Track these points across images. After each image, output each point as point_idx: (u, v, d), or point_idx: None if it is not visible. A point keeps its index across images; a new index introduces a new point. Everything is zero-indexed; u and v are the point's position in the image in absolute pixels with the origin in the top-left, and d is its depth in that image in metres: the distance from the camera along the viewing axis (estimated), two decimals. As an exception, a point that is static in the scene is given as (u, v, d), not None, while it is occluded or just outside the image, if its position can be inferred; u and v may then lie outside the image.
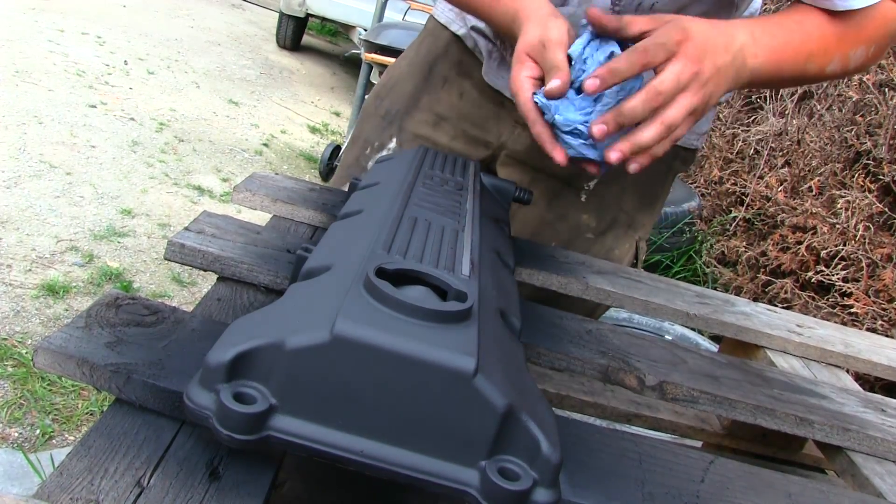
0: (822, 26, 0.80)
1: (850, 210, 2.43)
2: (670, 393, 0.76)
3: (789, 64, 0.79)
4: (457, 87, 1.04)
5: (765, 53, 0.76)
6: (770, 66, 0.77)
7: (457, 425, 0.44)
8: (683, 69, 0.69)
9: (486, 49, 1.00)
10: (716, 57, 0.71)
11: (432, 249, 0.58)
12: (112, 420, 0.51)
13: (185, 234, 0.77)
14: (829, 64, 0.81)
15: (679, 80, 0.68)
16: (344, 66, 6.20)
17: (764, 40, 0.77)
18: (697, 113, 0.71)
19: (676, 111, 0.69)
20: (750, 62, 0.75)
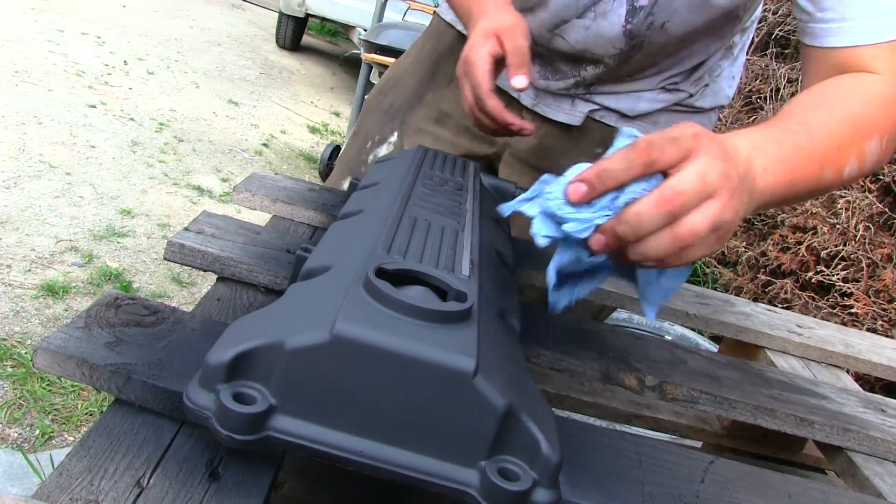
0: (830, 122, 0.66)
1: (851, 210, 2.43)
2: (670, 393, 0.76)
3: (803, 173, 0.62)
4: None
5: (774, 166, 0.60)
6: (782, 182, 0.60)
7: (456, 425, 0.44)
8: (709, 167, 0.51)
9: None
10: (737, 162, 0.55)
11: (432, 250, 0.58)
12: (112, 420, 0.51)
13: (184, 234, 0.77)
14: (846, 165, 0.66)
15: (704, 179, 0.51)
16: (344, 66, 6.20)
17: (770, 151, 0.60)
18: (722, 231, 0.52)
19: (700, 220, 0.51)
20: (760, 178, 0.58)
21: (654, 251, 0.52)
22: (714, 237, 0.52)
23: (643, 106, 0.96)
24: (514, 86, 0.73)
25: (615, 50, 0.88)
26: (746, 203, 0.56)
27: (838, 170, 0.65)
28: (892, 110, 0.69)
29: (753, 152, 0.58)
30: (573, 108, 0.97)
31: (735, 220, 0.53)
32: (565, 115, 0.97)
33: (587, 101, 0.96)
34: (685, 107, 0.98)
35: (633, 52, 0.88)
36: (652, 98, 0.96)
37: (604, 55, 0.89)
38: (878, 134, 0.68)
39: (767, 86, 3.38)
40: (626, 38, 0.86)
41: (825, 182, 0.65)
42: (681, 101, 0.97)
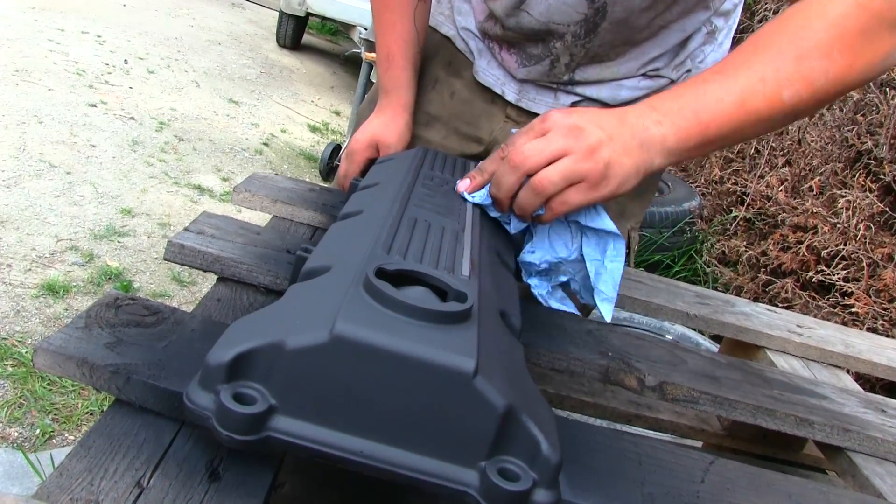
0: (753, 57, 0.70)
1: (851, 210, 2.43)
2: (670, 393, 0.76)
3: (715, 114, 0.68)
4: (447, 87, 1.05)
5: (671, 116, 0.68)
6: (686, 126, 0.68)
7: (457, 426, 0.44)
8: (554, 135, 0.66)
9: (476, 48, 1.02)
10: (602, 123, 0.67)
11: (432, 250, 0.58)
12: (112, 420, 0.51)
13: (185, 234, 0.77)
14: (783, 91, 0.68)
15: (549, 143, 0.66)
16: (344, 65, 6.19)
17: (667, 104, 0.69)
18: (589, 179, 0.66)
19: (551, 171, 0.65)
20: (656, 130, 0.68)
21: (524, 201, 0.68)
22: (585, 185, 0.66)
23: (625, 94, 0.96)
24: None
25: (579, 16, 0.88)
26: (636, 150, 0.67)
27: (770, 101, 0.68)
28: (846, 24, 0.68)
29: (643, 111, 0.68)
30: (556, 100, 0.98)
31: (605, 168, 0.65)
32: (548, 108, 0.96)
33: (569, 92, 0.98)
34: None
35: (598, 17, 0.88)
36: (633, 86, 0.96)
37: (569, 23, 0.90)
38: (822, 52, 0.68)
39: (768, 85, 3.38)
40: (588, 1, 0.87)
41: (757, 109, 0.68)
42: (662, 87, 0.96)
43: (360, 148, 0.99)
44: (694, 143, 0.69)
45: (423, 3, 1.01)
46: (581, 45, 0.91)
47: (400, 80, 1.01)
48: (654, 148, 0.68)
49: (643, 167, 0.68)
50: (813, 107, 0.71)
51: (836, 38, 0.68)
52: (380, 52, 1.02)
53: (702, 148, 0.70)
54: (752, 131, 0.71)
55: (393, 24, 0.99)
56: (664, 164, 0.69)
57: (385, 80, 1.02)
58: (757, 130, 0.71)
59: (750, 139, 0.87)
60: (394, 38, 0.99)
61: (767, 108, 0.68)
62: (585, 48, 0.92)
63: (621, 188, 0.67)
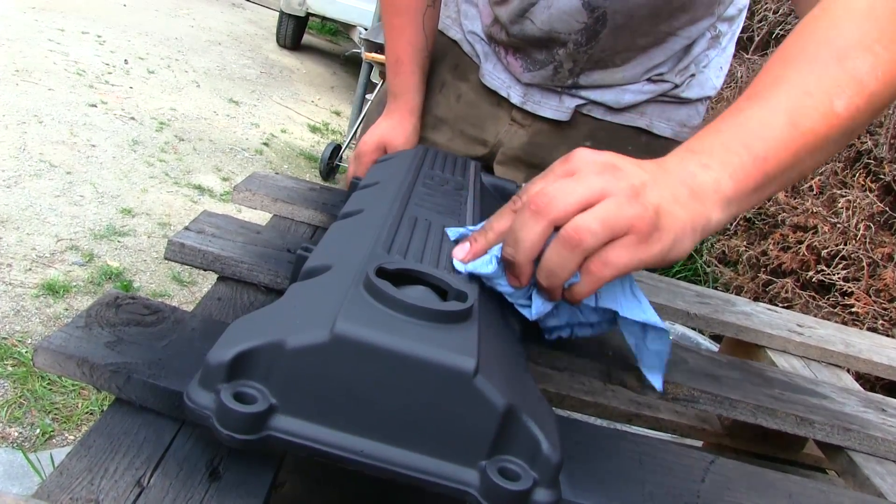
0: (787, 71, 0.59)
1: (851, 209, 2.43)
2: (671, 393, 0.76)
3: (768, 143, 0.55)
4: (454, 90, 1.06)
5: (716, 155, 0.54)
6: (739, 163, 0.54)
7: (457, 425, 0.44)
8: (585, 175, 0.50)
9: (482, 52, 1.03)
10: (640, 171, 0.52)
11: (433, 249, 0.58)
12: (112, 420, 0.51)
13: (185, 233, 0.77)
14: (834, 100, 0.57)
15: (580, 181, 0.50)
16: (344, 65, 6.19)
17: (706, 141, 0.55)
18: (636, 230, 0.49)
19: (587, 217, 0.49)
20: (702, 174, 0.53)
21: (553, 261, 0.50)
22: (631, 238, 0.49)
23: (628, 98, 0.97)
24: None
25: (579, 24, 0.89)
26: (688, 200, 0.52)
27: (824, 113, 0.57)
28: (877, 14, 0.59)
29: (683, 156, 0.55)
30: (560, 103, 0.98)
31: (656, 217, 0.50)
32: (553, 111, 0.99)
33: (574, 95, 0.98)
34: (671, 97, 0.98)
35: (599, 25, 0.88)
36: (637, 90, 0.96)
37: (570, 32, 0.90)
38: (862, 47, 0.58)
39: (768, 85, 3.38)
40: (587, 10, 0.87)
41: (813, 129, 0.56)
42: (666, 91, 0.97)
43: (369, 150, 1.00)
44: (753, 185, 0.55)
45: (431, 9, 1.01)
46: (584, 51, 0.92)
47: (408, 84, 1.02)
48: (708, 198, 0.53)
49: (700, 223, 0.53)
50: (870, 115, 0.60)
51: (872, 29, 0.59)
52: (389, 56, 1.03)
53: (763, 190, 0.56)
54: (811, 160, 0.58)
55: (402, 30, 1.00)
56: (723, 219, 0.55)
57: (394, 83, 1.03)
58: (816, 158, 0.58)
59: (809, 172, 0.67)
60: (403, 44, 1.01)
61: (824, 125, 0.57)
62: (588, 54, 0.92)
63: (675, 248, 0.51)
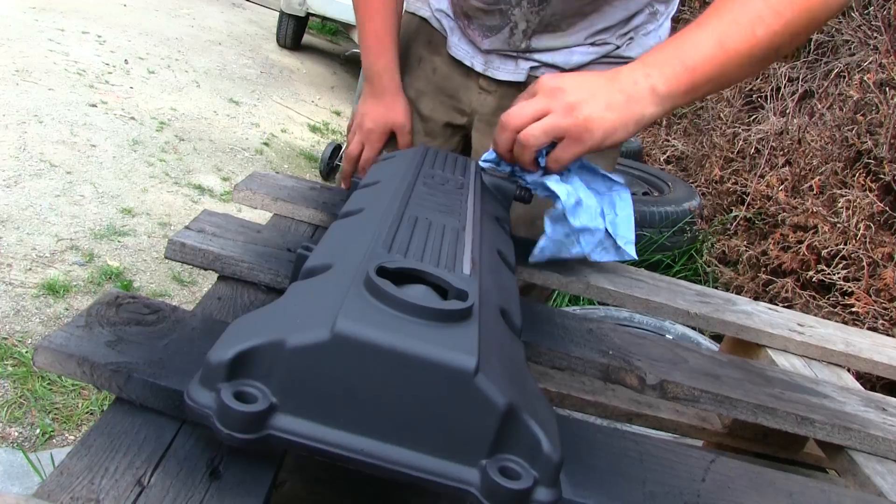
0: (716, 6, 0.78)
1: (851, 209, 2.42)
2: (671, 392, 0.76)
3: (699, 59, 0.76)
4: (430, 63, 1.15)
5: (658, 66, 0.76)
6: (674, 74, 0.76)
7: (457, 424, 0.44)
8: (539, 98, 0.76)
9: (448, 27, 1.12)
10: (586, 83, 0.76)
11: (433, 248, 0.58)
12: (112, 419, 0.50)
13: (185, 232, 0.77)
14: (756, 26, 0.76)
15: (532, 105, 0.76)
16: (344, 65, 6.19)
17: (652, 57, 0.78)
18: (572, 132, 0.75)
19: (533, 128, 0.76)
20: (644, 82, 0.76)
21: (518, 155, 0.79)
22: (568, 140, 0.76)
23: (576, 59, 1.06)
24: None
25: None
26: (621, 105, 0.75)
27: (747, 38, 0.76)
28: None
29: (633, 67, 0.77)
30: (517, 66, 1.08)
31: (585, 123, 0.74)
32: (510, 74, 1.08)
33: (528, 59, 1.07)
34: (614, 58, 1.06)
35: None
36: (583, 52, 1.06)
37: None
38: None
39: (768, 84, 3.38)
40: None
41: (737, 48, 0.76)
42: (609, 52, 1.06)
43: (377, 135, 1.13)
44: (684, 88, 0.76)
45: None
46: (535, 11, 1.01)
47: (390, 63, 1.11)
48: (643, 100, 0.75)
49: (632, 119, 0.75)
50: (790, 40, 0.78)
51: None
52: (368, 37, 1.10)
53: (692, 93, 0.77)
54: (736, 72, 0.78)
55: (378, 12, 1.09)
56: (658, 112, 0.76)
57: (377, 63, 1.10)
58: (742, 70, 0.78)
59: (738, 81, 1.05)
60: (383, 24, 1.09)
61: (746, 46, 0.76)
62: (539, 15, 1.01)
63: (607, 140, 0.75)
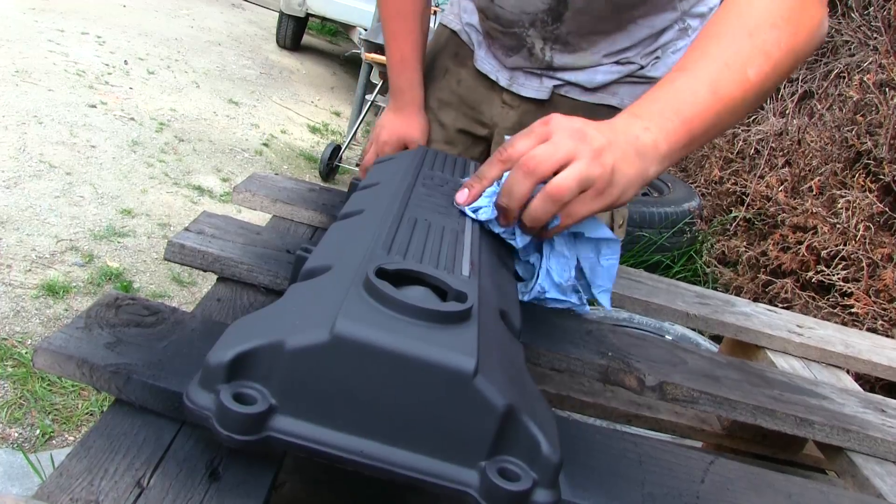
0: (707, 47, 0.71)
1: (851, 210, 2.43)
2: (670, 393, 0.76)
3: (695, 110, 0.69)
4: (455, 75, 1.17)
5: (655, 120, 0.68)
6: (672, 128, 0.68)
7: (457, 426, 0.44)
8: (561, 140, 0.63)
9: (476, 41, 1.13)
10: (600, 133, 0.65)
11: (432, 250, 0.58)
12: (112, 420, 0.51)
13: (185, 234, 0.77)
14: (749, 68, 0.70)
15: (557, 147, 0.63)
16: (344, 65, 6.20)
17: (647, 108, 0.69)
18: (598, 186, 0.63)
19: (564, 176, 0.63)
20: (645, 136, 0.67)
21: (539, 211, 0.64)
22: (592, 192, 0.64)
23: (599, 78, 1.04)
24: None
25: (544, 5, 0.98)
26: (634, 158, 0.66)
27: (740, 82, 0.70)
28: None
29: (628, 120, 0.68)
30: (541, 84, 1.08)
31: (611, 175, 0.64)
32: (534, 91, 1.08)
33: (551, 77, 1.07)
34: (638, 77, 1.05)
35: (561, 7, 0.97)
36: (606, 71, 1.04)
37: (536, 12, 0.99)
38: (770, 24, 0.71)
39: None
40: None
41: (731, 95, 0.70)
42: (633, 72, 1.04)
43: (391, 148, 1.15)
44: (683, 143, 0.69)
45: (427, 11, 1.13)
46: (550, 31, 1.01)
47: (414, 80, 1.14)
48: (648, 156, 0.67)
49: (641, 176, 0.67)
50: (775, 81, 0.73)
51: (778, 8, 0.72)
52: (393, 55, 1.14)
53: (688, 147, 0.71)
54: (729, 119, 0.72)
55: (407, 32, 1.12)
56: (658, 171, 0.69)
57: (400, 80, 1.15)
58: (733, 117, 0.72)
59: (729, 127, 0.97)
60: (408, 43, 1.12)
61: (740, 90, 0.70)
62: (555, 35, 1.01)
63: (623, 196, 0.66)
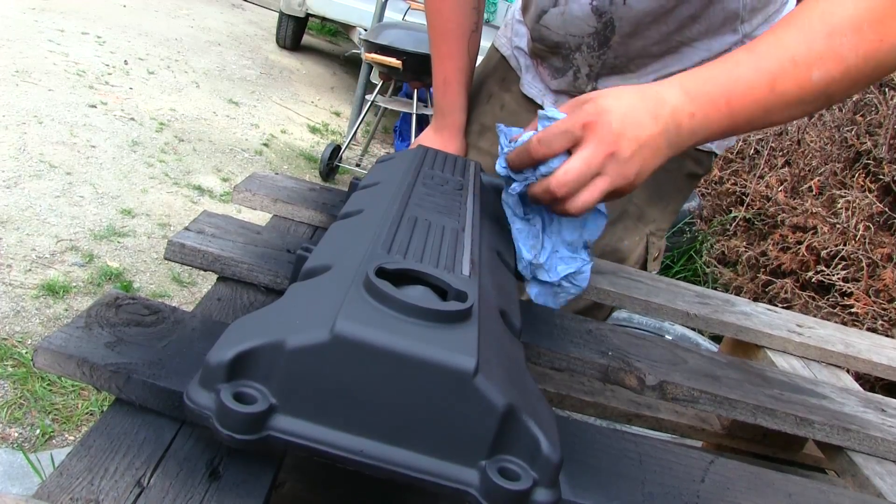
0: (783, 38, 0.68)
1: (851, 210, 2.43)
2: (670, 393, 0.76)
3: (746, 102, 0.67)
4: (499, 100, 1.17)
5: (704, 107, 0.67)
6: (717, 117, 0.68)
7: (457, 425, 0.44)
8: (593, 154, 0.65)
9: (524, 65, 1.13)
10: (639, 131, 0.65)
11: (432, 249, 0.58)
12: (112, 420, 0.51)
13: (185, 233, 0.77)
14: (812, 72, 0.67)
15: (589, 165, 0.65)
16: (344, 66, 6.19)
17: (701, 90, 0.68)
18: (620, 191, 0.67)
19: (589, 195, 0.66)
20: (686, 124, 0.67)
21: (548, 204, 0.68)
22: (616, 193, 0.67)
23: None
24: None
25: (590, 28, 0.96)
26: (667, 150, 0.67)
27: (801, 82, 0.67)
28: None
29: (680, 98, 0.67)
30: None
31: (633, 180, 0.66)
32: None
33: None
34: None
35: (608, 31, 0.95)
36: None
37: (583, 35, 0.98)
38: (853, 27, 0.67)
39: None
40: (595, 15, 0.95)
41: (788, 93, 0.67)
42: None
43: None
44: (721, 132, 0.69)
45: (475, 34, 1.12)
46: (597, 56, 0.99)
47: (456, 103, 1.15)
48: (682, 146, 0.68)
49: (661, 162, 0.68)
50: (846, 88, 0.69)
51: (866, 10, 0.67)
52: (437, 77, 1.15)
53: (725, 135, 0.70)
54: (780, 115, 0.70)
55: (451, 55, 1.12)
56: (684, 150, 0.70)
57: (443, 102, 1.15)
58: (785, 114, 0.70)
59: (779, 124, 0.92)
60: (451, 66, 1.12)
61: (798, 90, 0.67)
62: (601, 59, 0.99)
63: (637, 184, 0.68)
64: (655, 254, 1.12)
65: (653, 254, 1.12)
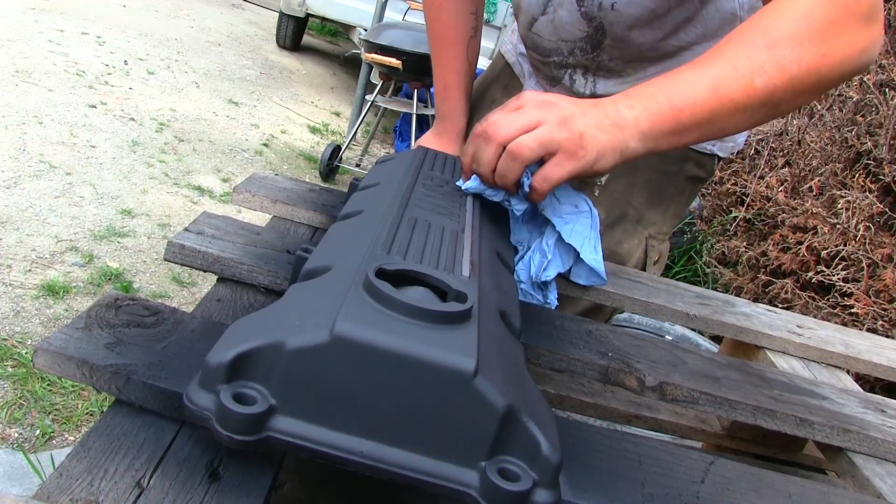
0: (724, 48, 0.71)
1: (851, 210, 2.43)
2: (670, 394, 0.76)
3: (687, 102, 0.69)
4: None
5: (643, 100, 0.70)
6: (658, 109, 0.69)
7: (457, 426, 0.44)
8: (529, 109, 0.68)
9: (527, 71, 1.14)
10: (575, 102, 0.69)
11: (432, 250, 0.58)
12: (112, 421, 0.51)
13: (185, 234, 0.77)
14: (756, 77, 0.69)
15: (522, 113, 0.67)
16: (344, 66, 6.20)
17: (643, 92, 0.71)
18: (571, 152, 0.67)
19: (527, 138, 0.67)
20: (627, 112, 0.69)
21: (503, 169, 0.69)
22: (561, 156, 0.67)
23: None
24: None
25: (581, 33, 0.97)
26: (610, 128, 0.68)
27: (743, 87, 0.69)
28: (815, 14, 0.70)
29: (617, 98, 0.70)
30: None
31: (580, 139, 0.66)
32: None
33: None
34: None
35: (599, 35, 0.96)
36: None
37: (575, 40, 0.98)
38: (793, 41, 0.70)
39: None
40: (586, 20, 0.96)
41: (731, 97, 0.70)
42: None
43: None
44: (668, 128, 0.70)
45: (474, 39, 1.13)
46: (590, 58, 1.00)
47: (456, 108, 1.15)
48: (627, 129, 0.69)
49: (619, 147, 0.69)
50: (792, 97, 0.72)
51: (806, 28, 0.70)
52: (437, 83, 1.17)
53: (678, 135, 0.71)
54: (728, 120, 0.71)
55: (450, 60, 1.13)
56: (640, 148, 0.70)
57: (443, 108, 1.16)
58: (734, 120, 0.72)
59: (731, 131, 0.79)
60: (450, 72, 1.14)
61: (742, 95, 0.70)
62: (596, 62, 1.00)
63: (599, 162, 0.68)
64: (656, 257, 1.12)
65: (653, 257, 1.11)
